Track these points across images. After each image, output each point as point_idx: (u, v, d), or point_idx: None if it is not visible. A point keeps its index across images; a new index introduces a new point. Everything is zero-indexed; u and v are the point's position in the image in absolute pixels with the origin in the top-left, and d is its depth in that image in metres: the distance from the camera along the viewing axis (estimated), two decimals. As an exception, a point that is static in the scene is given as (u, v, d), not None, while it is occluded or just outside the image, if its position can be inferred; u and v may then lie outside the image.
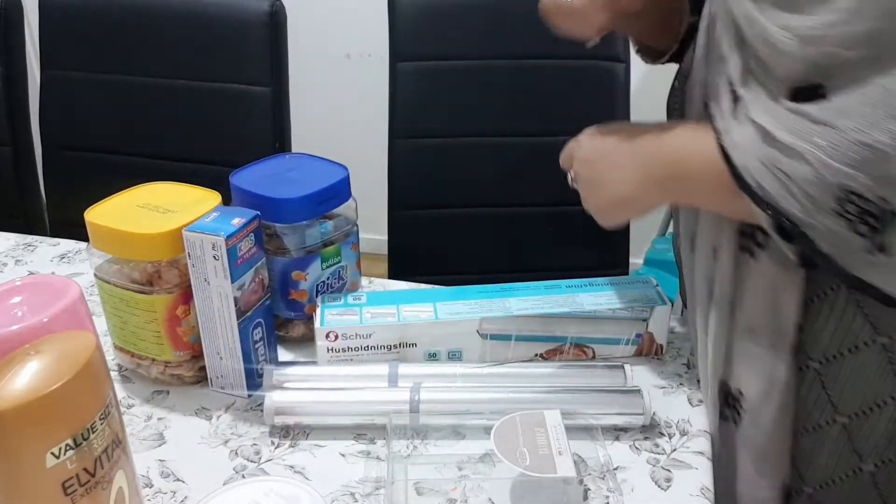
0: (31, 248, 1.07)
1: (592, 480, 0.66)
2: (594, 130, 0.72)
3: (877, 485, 0.67)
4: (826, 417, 0.66)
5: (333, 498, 0.65)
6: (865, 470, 0.67)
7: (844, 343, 0.63)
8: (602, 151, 0.70)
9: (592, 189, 0.71)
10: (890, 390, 0.62)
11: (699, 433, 0.72)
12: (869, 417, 0.64)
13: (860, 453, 0.66)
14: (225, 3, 1.28)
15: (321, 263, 0.82)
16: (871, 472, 0.67)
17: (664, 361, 0.82)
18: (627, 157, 0.67)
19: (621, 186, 0.68)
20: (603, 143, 0.70)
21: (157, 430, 0.73)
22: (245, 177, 0.82)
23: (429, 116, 1.31)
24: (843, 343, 0.63)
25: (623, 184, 0.67)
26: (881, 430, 0.64)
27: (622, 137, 0.68)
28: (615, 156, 0.68)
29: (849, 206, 0.51)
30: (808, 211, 0.52)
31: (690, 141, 0.63)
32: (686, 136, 0.64)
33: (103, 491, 0.53)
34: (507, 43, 1.29)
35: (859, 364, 0.62)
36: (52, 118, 1.39)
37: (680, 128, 0.65)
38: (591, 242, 1.37)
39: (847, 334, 0.62)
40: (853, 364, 0.63)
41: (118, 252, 0.74)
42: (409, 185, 1.34)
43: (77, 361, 0.51)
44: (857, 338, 0.62)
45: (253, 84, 1.28)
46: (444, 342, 0.79)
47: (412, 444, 0.70)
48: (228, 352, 0.74)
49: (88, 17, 1.33)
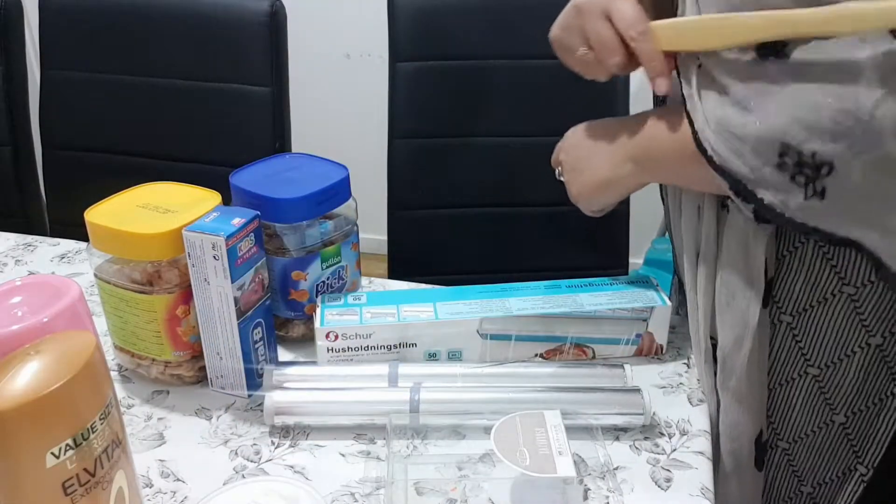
0: (31, 248, 1.07)
1: (592, 480, 0.66)
2: (578, 125, 0.77)
3: (848, 436, 0.70)
4: (798, 370, 0.69)
5: (333, 498, 0.65)
6: (837, 422, 0.70)
7: (814, 295, 0.66)
8: (582, 139, 0.76)
9: (574, 174, 0.76)
10: (857, 340, 0.66)
11: (699, 433, 0.72)
12: (838, 368, 0.68)
13: (831, 404, 0.69)
14: (225, 3, 1.28)
15: (321, 263, 0.82)
16: (841, 424, 0.70)
17: (664, 361, 0.82)
18: (604, 140, 0.73)
19: (600, 169, 0.73)
20: (584, 132, 0.76)
21: (157, 430, 0.73)
22: (245, 177, 0.82)
23: (429, 116, 1.31)
24: (812, 295, 0.66)
25: (601, 167, 0.73)
26: (850, 380, 0.68)
27: (601, 126, 0.75)
28: (594, 141, 0.74)
29: (786, 160, 0.56)
30: (754, 169, 0.58)
31: (662, 117, 0.67)
32: (658, 114, 0.68)
33: (103, 491, 0.53)
34: (507, 43, 1.29)
35: (828, 315, 0.66)
36: (52, 118, 1.39)
37: (654, 110, 0.69)
38: (591, 242, 1.37)
39: (816, 286, 0.66)
40: (822, 315, 0.66)
41: (118, 252, 0.74)
42: (409, 185, 1.34)
43: (77, 361, 0.51)
44: (825, 289, 0.65)
45: (253, 84, 1.28)
46: (444, 342, 0.79)
47: (412, 444, 0.70)
48: (228, 352, 0.74)
49: (88, 17, 1.33)
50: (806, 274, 0.66)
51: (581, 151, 0.76)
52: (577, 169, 0.76)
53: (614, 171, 0.72)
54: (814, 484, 0.74)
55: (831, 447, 0.71)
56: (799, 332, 0.68)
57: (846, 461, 0.71)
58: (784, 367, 0.70)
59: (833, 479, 0.73)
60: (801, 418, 0.71)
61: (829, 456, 0.72)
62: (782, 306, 0.68)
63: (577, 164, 0.76)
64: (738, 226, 0.66)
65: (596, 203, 0.76)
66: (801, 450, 0.73)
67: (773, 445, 0.74)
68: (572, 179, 0.77)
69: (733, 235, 0.67)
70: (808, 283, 0.66)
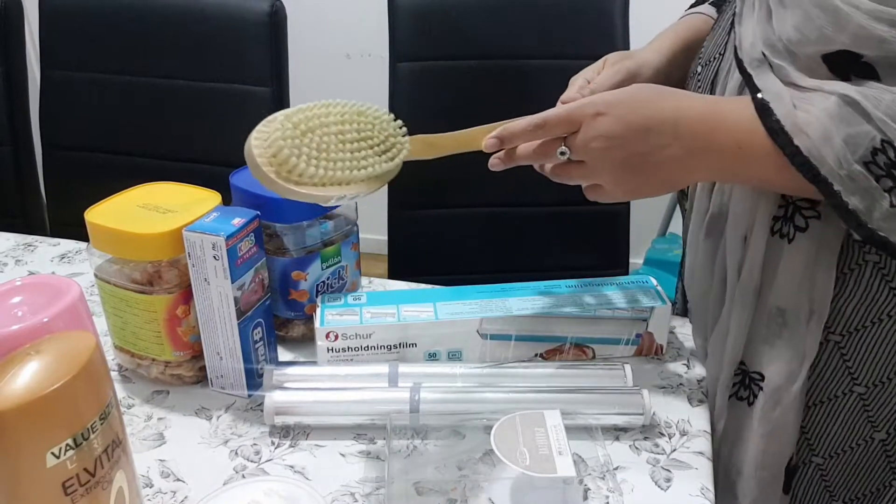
0: (31, 248, 1.07)
1: (592, 480, 0.66)
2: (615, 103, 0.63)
3: (887, 452, 0.70)
4: (843, 388, 0.68)
5: (333, 498, 0.65)
6: (877, 438, 0.69)
7: (868, 315, 0.65)
8: (637, 130, 0.62)
9: (628, 173, 0.64)
10: None
11: (699, 433, 0.72)
12: (886, 387, 0.67)
13: (874, 422, 0.69)
14: (225, 3, 1.28)
15: (321, 263, 0.82)
16: (882, 441, 0.69)
17: (664, 361, 0.82)
18: (673, 142, 0.62)
19: (672, 173, 0.64)
20: (637, 122, 0.62)
21: (157, 430, 0.73)
22: (245, 177, 0.82)
23: (429, 116, 1.31)
24: (866, 315, 0.65)
25: (672, 171, 0.63)
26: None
27: (660, 117, 0.62)
28: (656, 139, 0.62)
29: (879, 158, 0.54)
30: (841, 161, 0.55)
31: (744, 122, 0.61)
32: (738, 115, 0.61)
33: (103, 491, 0.53)
34: (507, 43, 1.29)
35: (881, 335, 0.65)
36: (52, 118, 1.39)
37: (728, 108, 0.63)
38: (591, 242, 1.37)
39: (871, 307, 0.65)
40: (875, 335, 0.66)
41: (118, 252, 0.74)
42: (409, 185, 1.34)
43: (77, 361, 0.51)
44: (881, 310, 0.65)
45: (253, 84, 1.28)
46: (444, 342, 0.79)
47: (412, 444, 0.70)
48: (228, 352, 0.74)
49: (88, 17, 1.33)
50: (862, 295, 0.65)
51: (636, 146, 0.62)
52: (635, 167, 0.63)
53: (685, 178, 0.67)
54: (846, 499, 0.73)
55: (868, 463, 0.71)
56: (848, 351, 0.67)
57: (882, 477, 0.71)
58: (827, 386, 0.69)
59: (867, 495, 0.72)
60: (840, 435, 0.70)
61: (866, 472, 0.71)
62: (832, 326, 0.67)
63: (634, 162, 0.63)
64: (803, 253, 0.64)
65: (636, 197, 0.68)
66: (836, 466, 0.72)
67: (805, 462, 0.72)
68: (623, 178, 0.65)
69: (794, 263, 0.65)
70: (862, 304, 0.65)
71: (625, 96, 0.63)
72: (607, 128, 0.62)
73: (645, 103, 0.62)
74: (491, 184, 1.34)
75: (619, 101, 0.63)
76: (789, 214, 0.64)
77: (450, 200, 1.35)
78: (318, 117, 0.66)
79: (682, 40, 0.81)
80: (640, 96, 0.63)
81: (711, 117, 0.62)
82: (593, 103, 0.63)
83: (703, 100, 0.65)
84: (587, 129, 0.63)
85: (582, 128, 0.63)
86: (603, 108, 0.62)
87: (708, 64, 0.74)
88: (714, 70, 0.73)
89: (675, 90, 0.65)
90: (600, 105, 0.63)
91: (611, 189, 0.66)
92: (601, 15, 1.28)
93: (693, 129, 0.61)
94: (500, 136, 0.67)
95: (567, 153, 0.65)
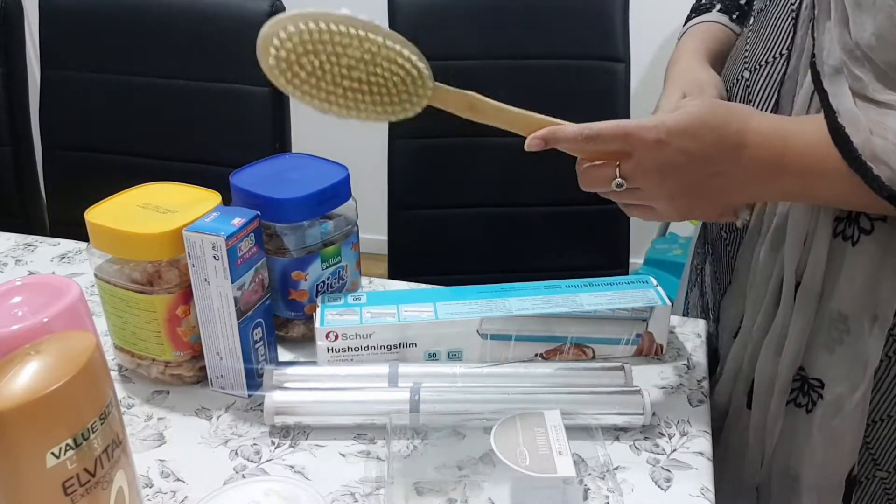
0: (31, 248, 1.07)
1: (592, 480, 0.66)
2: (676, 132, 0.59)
3: None
4: None
5: (333, 498, 0.65)
6: None
7: None
8: (699, 159, 0.60)
9: (692, 198, 0.62)
10: None
11: (699, 433, 0.72)
12: None
13: None
14: (225, 3, 1.28)
15: (321, 263, 0.82)
16: None
17: (664, 361, 0.82)
18: (736, 169, 0.60)
19: (731, 196, 0.63)
20: (699, 150, 0.60)
21: (157, 430, 0.73)
22: (245, 177, 0.82)
23: (429, 116, 1.30)
24: None
25: (732, 195, 0.62)
26: None
27: (723, 144, 0.60)
28: (717, 165, 0.60)
29: None
30: None
31: (816, 146, 0.59)
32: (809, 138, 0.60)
33: (103, 491, 0.53)
34: (507, 43, 1.29)
35: None
36: (52, 118, 1.38)
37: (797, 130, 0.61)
38: (591, 242, 1.37)
39: None
40: None
41: (118, 252, 0.74)
42: (409, 185, 1.34)
43: (77, 361, 0.51)
44: None
45: (253, 84, 1.28)
46: (444, 342, 0.79)
47: (412, 444, 0.70)
48: (228, 352, 0.74)
49: (88, 17, 1.33)
50: None
51: (703, 173, 0.60)
52: (693, 192, 0.61)
53: (749, 200, 0.65)
54: None
55: None
56: None
57: None
58: (893, 401, 0.68)
59: None
60: None
61: None
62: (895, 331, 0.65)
63: (693, 188, 0.61)
64: (867, 257, 0.63)
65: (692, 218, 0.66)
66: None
67: (868, 476, 0.72)
68: (679, 203, 0.62)
69: (858, 267, 0.64)
70: None
71: (686, 122, 0.59)
72: (667, 158, 0.59)
73: (709, 129, 0.59)
74: (491, 184, 1.35)
75: (680, 130, 0.59)
76: (853, 216, 0.63)
77: (450, 200, 1.35)
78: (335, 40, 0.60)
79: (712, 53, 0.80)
80: (704, 121, 0.60)
81: (779, 142, 0.60)
82: (655, 128, 0.59)
83: (769, 120, 0.62)
84: (644, 155, 0.60)
85: (638, 153, 0.60)
86: (665, 136, 0.59)
87: (758, 69, 0.72)
88: (778, 76, 0.69)
89: (739, 108, 0.62)
90: (662, 132, 0.59)
91: (663, 212, 0.63)
92: (601, 15, 1.28)
93: (759, 155, 0.59)
94: (545, 139, 0.64)
95: (623, 185, 0.61)
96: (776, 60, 0.70)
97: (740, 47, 0.76)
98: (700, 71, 0.76)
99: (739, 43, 0.78)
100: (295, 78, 0.60)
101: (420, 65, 0.63)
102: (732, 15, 0.82)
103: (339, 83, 0.60)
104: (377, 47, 0.61)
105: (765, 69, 0.71)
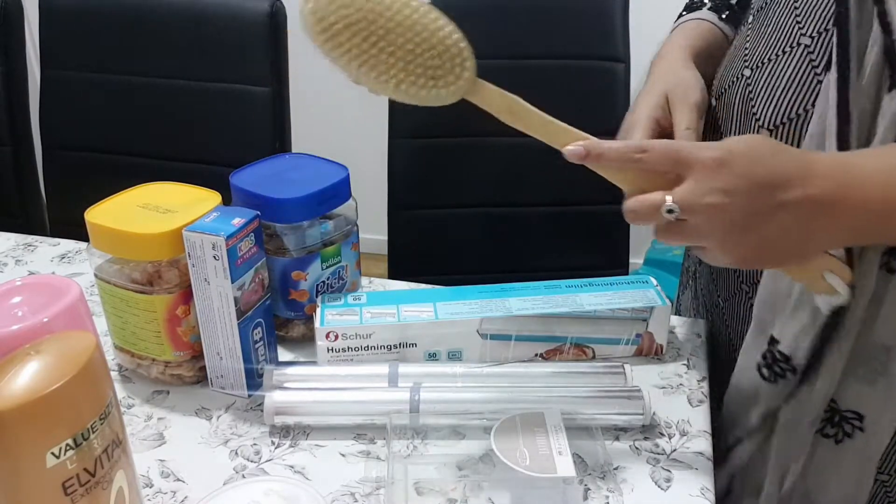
0: (31, 248, 1.07)
1: (592, 480, 0.66)
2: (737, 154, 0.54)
3: None
4: None
5: (333, 498, 0.65)
6: None
7: None
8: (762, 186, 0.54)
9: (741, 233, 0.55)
10: None
11: (699, 433, 0.72)
12: None
13: None
14: (225, 3, 1.28)
15: (321, 263, 0.82)
16: None
17: (664, 361, 0.82)
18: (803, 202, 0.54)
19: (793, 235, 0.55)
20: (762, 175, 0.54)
21: (157, 430, 0.73)
22: (245, 177, 0.82)
23: (429, 116, 1.30)
24: None
25: (793, 235, 0.55)
26: None
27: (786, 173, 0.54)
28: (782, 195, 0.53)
29: None
30: None
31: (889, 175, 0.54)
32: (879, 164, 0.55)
33: (103, 491, 0.53)
34: (506, 43, 1.29)
35: None
36: (52, 118, 1.39)
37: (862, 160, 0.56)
38: (590, 242, 1.37)
39: None
40: None
41: (118, 252, 0.74)
42: (409, 185, 1.34)
43: (77, 361, 0.51)
44: None
45: (253, 84, 1.28)
46: (444, 342, 0.79)
47: (412, 444, 0.70)
48: (228, 352, 0.74)
49: (88, 17, 1.33)
50: None
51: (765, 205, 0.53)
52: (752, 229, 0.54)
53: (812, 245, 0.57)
54: None
55: None
56: None
57: None
58: None
59: None
60: None
61: None
62: None
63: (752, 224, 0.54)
64: None
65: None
66: None
67: None
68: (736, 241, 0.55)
69: None
70: None
71: (743, 147, 0.54)
72: (729, 181, 0.52)
73: (767, 157, 0.54)
74: (491, 184, 1.35)
75: (740, 152, 0.53)
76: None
77: (450, 200, 1.35)
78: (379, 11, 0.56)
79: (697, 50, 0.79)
80: (761, 150, 0.54)
81: (843, 172, 0.55)
82: (718, 147, 0.53)
83: (830, 153, 0.58)
84: (703, 178, 0.53)
85: (694, 175, 0.53)
86: (728, 157, 0.53)
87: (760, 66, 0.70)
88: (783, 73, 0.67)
89: (789, 147, 0.57)
90: (724, 152, 0.53)
91: (716, 252, 0.57)
92: (601, 15, 1.28)
93: (823, 186, 0.53)
94: (587, 151, 0.58)
95: (675, 211, 0.54)
96: (779, 58, 0.69)
97: (739, 46, 0.76)
98: (683, 70, 0.76)
99: (738, 42, 0.77)
100: (330, 29, 0.55)
101: (462, 45, 0.59)
102: (722, 14, 0.82)
103: (374, 43, 0.56)
104: (421, 15, 0.57)
105: (768, 66, 0.70)
